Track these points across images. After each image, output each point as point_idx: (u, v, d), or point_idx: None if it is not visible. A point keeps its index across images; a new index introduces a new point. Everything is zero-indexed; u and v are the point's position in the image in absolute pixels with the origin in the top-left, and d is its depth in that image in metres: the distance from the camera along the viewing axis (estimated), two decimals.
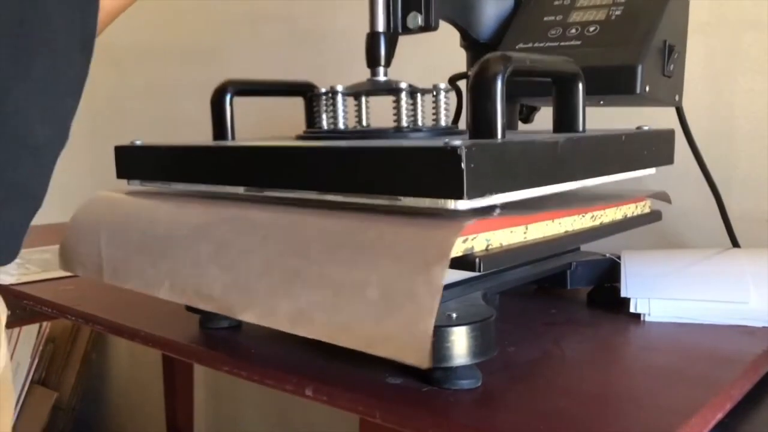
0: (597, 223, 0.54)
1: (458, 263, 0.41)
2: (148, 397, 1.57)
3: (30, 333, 1.56)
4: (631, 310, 0.57)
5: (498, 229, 0.44)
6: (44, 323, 1.55)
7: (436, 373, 0.42)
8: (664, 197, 0.61)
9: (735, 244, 0.74)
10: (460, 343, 0.41)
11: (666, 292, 0.58)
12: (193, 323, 0.55)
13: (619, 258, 0.63)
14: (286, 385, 0.45)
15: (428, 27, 0.59)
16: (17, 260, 0.71)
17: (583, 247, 0.65)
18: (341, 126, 0.58)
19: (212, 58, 1.35)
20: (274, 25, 1.23)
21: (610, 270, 0.63)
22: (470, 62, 0.71)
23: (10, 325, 0.92)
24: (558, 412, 0.40)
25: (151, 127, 1.47)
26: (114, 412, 1.71)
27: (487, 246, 0.43)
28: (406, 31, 0.59)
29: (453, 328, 0.41)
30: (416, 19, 0.58)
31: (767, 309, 0.55)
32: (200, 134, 1.45)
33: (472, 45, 0.70)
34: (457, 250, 0.41)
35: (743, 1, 0.77)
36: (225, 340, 0.52)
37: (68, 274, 0.74)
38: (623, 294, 0.58)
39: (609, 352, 0.52)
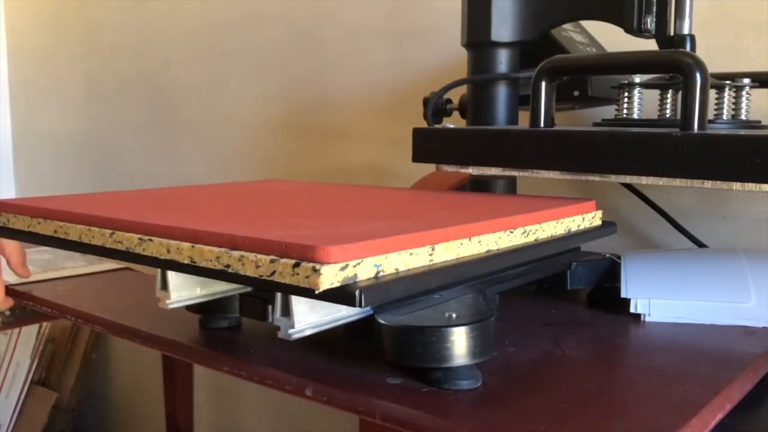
0: (530, 239, 0.47)
1: (334, 296, 0.35)
2: (148, 397, 1.57)
3: (30, 333, 1.56)
4: (632, 310, 0.57)
5: (393, 251, 0.37)
6: (44, 323, 1.55)
7: (436, 373, 0.42)
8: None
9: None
10: (460, 343, 0.41)
11: (666, 293, 0.58)
12: (193, 323, 0.55)
13: (619, 258, 0.63)
14: (286, 385, 0.45)
15: None
16: None
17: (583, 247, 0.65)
18: (635, 116, 0.58)
19: (212, 57, 1.35)
20: (274, 25, 1.23)
21: (610, 270, 0.63)
22: (472, 61, 0.70)
23: (10, 325, 0.92)
24: (558, 412, 0.39)
25: (152, 127, 1.47)
26: (114, 412, 1.71)
27: (377, 273, 0.36)
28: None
29: (453, 328, 0.41)
30: None
31: (767, 309, 0.55)
32: (198, 132, 1.45)
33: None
34: (333, 279, 0.34)
35: (743, 1, 0.77)
36: (225, 340, 0.52)
37: (68, 274, 0.74)
38: (623, 294, 0.58)
39: (609, 352, 0.52)
